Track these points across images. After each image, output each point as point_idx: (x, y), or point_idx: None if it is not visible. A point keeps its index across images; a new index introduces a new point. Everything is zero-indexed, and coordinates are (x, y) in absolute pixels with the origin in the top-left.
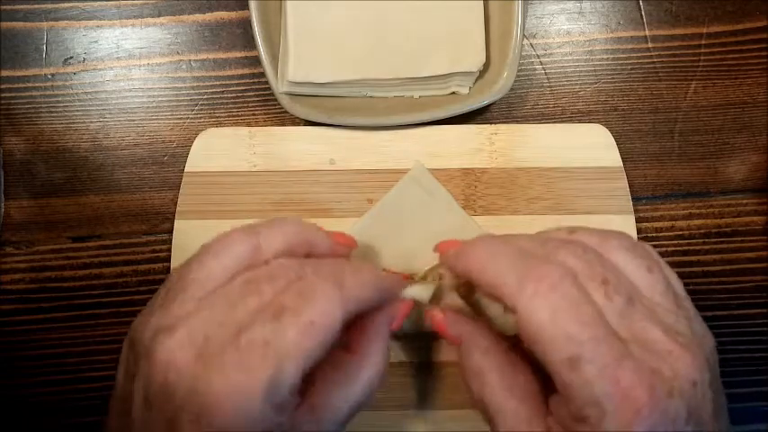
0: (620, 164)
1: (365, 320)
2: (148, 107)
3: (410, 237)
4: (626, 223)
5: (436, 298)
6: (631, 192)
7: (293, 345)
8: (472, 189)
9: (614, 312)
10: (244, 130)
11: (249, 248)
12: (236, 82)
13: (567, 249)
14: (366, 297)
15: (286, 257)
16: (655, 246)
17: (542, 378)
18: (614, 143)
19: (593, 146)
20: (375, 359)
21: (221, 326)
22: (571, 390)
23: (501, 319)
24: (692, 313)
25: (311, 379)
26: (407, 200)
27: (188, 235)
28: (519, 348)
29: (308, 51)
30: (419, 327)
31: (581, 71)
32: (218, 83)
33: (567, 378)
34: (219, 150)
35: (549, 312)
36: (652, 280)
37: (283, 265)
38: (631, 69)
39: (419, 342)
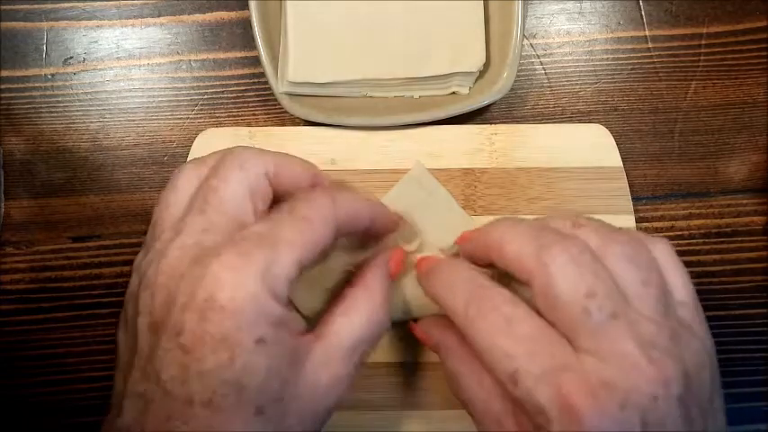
0: (621, 164)
1: (364, 265)
2: (148, 107)
3: None
4: (626, 224)
5: None
6: (631, 192)
7: (288, 236)
8: (472, 189)
9: (588, 324)
10: (244, 131)
11: (203, 170)
12: (236, 82)
13: (562, 247)
14: (356, 211)
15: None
16: None
17: None
18: (614, 143)
19: (594, 146)
20: (374, 291)
21: (206, 231)
22: (521, 400)
23: None
24: (689, 319)
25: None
26: (407, 200)
27: None
28: None
29: (308, 51)
30: (407, 314)
31: (581, 71)
32: (218, 83)
33: (510, 388)
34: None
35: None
36: (644, 293)
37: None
38: (631, 69)
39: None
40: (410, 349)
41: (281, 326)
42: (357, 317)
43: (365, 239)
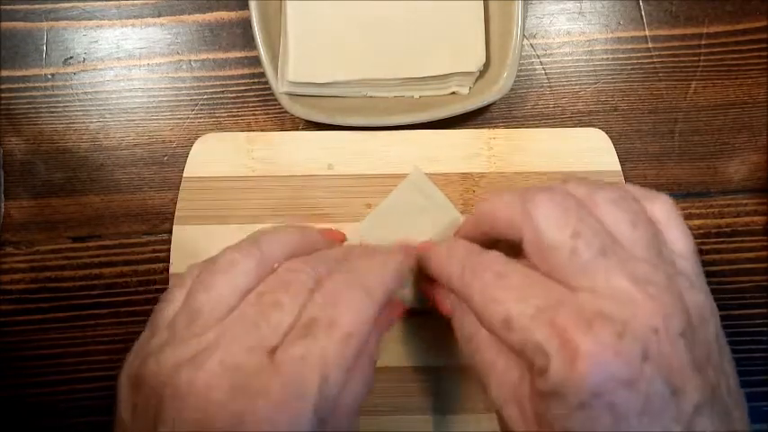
0: (619, 168)
1: None
2: (148, 107)
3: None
4: None
5: None
6: None
7: (333, 355)
8: (470, 193)
9: (578, 263)
10: (242, 136)
11: (253, 262)
12: (236, 82)
13: (546, 196)
14: (390, 290)
15: (290, 261)
16: None
17: None
18: (612, 147)
19: (592, 150)
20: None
21: (250, 351)
22: (519, 346)
23: None
24: (688, 270)
25: None
26: (406, 204)
27: (187, 240)
28: None
29: (308, 51)
30: (423, 303)
31: (581, 71)
32: (218, 83)
33: (505, 335)
34: (218, 155)
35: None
36: (635, 234)
37: (292, 269)
38: (631, 69)
39: (419, 344)
40: (417, 354)
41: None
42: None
43: None
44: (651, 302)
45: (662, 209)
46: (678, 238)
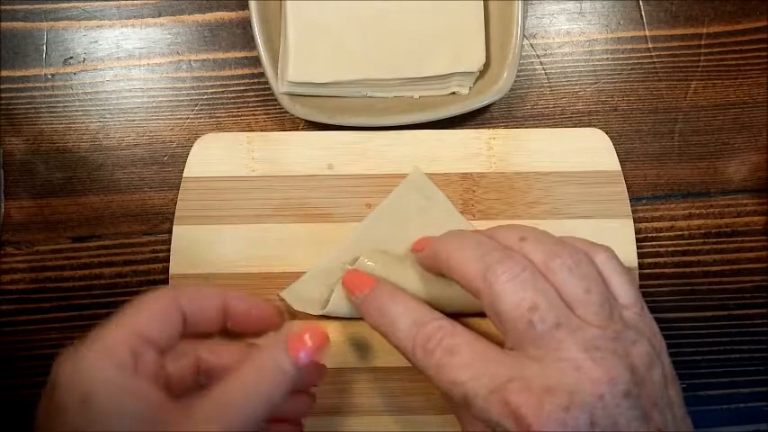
0: (619, 168)
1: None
2: (148, 107)
3: (408, 241)
4: (624, 227)
5: None
6: (631, 192)
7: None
8: (470, 193)
9: (533, 335)
10: (242, 136)
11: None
12: (236, 82)
13: (505, 267)
14: (201, 300)
15: None
16: (655, 246)
17: None
18: (612, 147)
19: (592, 150)
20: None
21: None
22: (481, 419)
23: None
24: (634, 321)
25: None
26: (406, 204)
27: (187, 240)
28: None
29: (308, 51)
30: (352, 312)
31: (581, 71)
32: (218, 83)
33: (468, 409)
34: (218, 156)
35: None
36: (588, 300)
37: None
38: (631, 69)
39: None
40: (388, 355)
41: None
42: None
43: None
44: (597, 369)
45: (605, 260)
46: (622, 289)
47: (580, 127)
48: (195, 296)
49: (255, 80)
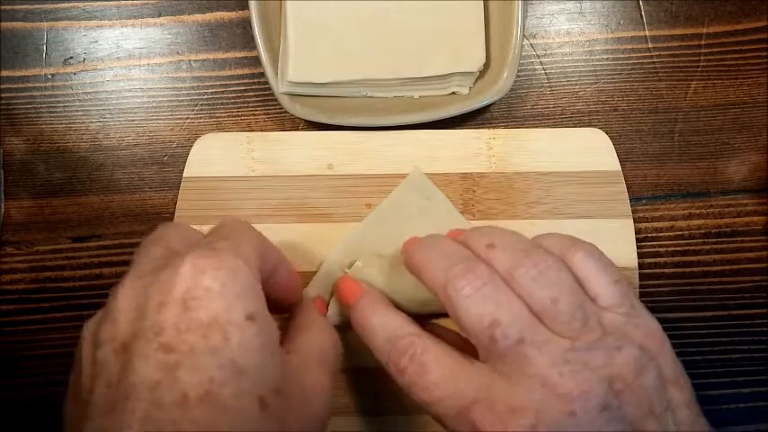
0: (619, 168)
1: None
2: (148, 107)
3: None
4: (624, 227)
5: None
6: (631, 192)
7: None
8: (470, 193)
9: (497, 350)
10: (242, 136)
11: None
12: (236, 82)
13: (466, 280)
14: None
15: None
16: (655, 246)
17: None
18: (612, 147)
19: (592, 150)
20: (317, 318)
21: (156, 259)
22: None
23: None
24: (616, 324)
25: None
26: (406, 205)
27: None
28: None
29: (308, 51)
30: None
31: (581, 71)
32: (218, 83)
33: (443, 424)
34: (218, 155)
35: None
36: (555, 311)
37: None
38: (631, 69)
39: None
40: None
41: (264, 303)
42: (317, 333)
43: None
44: (567, 383)
45: (581, 259)
46: (604, 289)
47: (580, 127)
48: (268, 247)
49: (255, 80)
